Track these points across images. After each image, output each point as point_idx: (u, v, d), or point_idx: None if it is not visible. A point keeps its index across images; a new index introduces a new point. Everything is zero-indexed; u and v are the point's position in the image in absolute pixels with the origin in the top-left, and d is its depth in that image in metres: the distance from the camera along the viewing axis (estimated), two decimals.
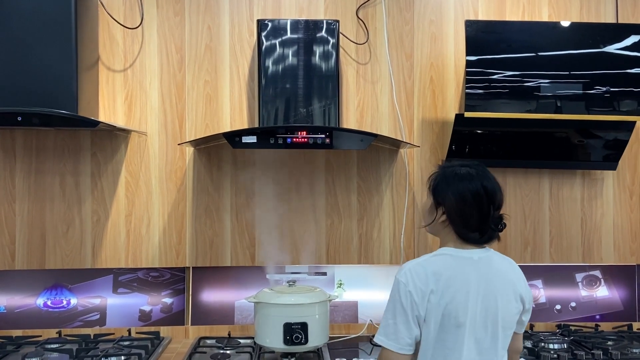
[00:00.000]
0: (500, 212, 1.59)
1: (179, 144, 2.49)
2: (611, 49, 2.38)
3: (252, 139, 2.13)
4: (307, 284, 2.42)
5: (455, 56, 2.62)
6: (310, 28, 2.39)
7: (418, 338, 1.54)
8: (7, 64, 2.13)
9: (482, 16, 2.62)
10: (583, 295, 2.68)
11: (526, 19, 2.63)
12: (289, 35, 2.38)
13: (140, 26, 2.52)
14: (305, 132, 2.15)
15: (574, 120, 2.41)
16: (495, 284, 1.56)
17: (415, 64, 2.62)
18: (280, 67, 2.37)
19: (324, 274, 2.58)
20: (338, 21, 2.42)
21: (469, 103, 2.34)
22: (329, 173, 2.59)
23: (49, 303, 2.48)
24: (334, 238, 2.59)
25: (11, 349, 2.28)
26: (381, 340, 1.55)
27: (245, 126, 2.54)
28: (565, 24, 2.48)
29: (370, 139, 2.18)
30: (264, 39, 2.38)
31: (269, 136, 2.14)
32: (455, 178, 1.58)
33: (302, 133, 2.15)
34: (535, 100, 2.35)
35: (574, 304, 2.68)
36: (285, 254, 2.56)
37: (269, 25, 2.38)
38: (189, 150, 2.54)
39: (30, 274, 2.48)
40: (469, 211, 1.56)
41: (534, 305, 2.60)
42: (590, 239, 2.69)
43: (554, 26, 2.49)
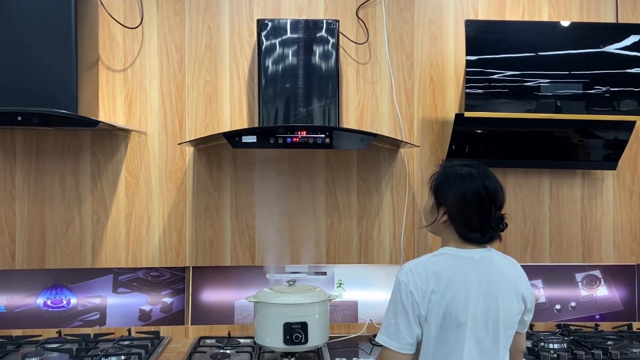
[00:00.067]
0: (502, 212, 1.60)
1: (179, 144, 2.49)
2: (611, 48, 2.38)
3: (252, 139, 2.13)
4: (307, 284, 2.42)
5: (455, 56, 2.62)
6: (310, 28, 2.39)
7: (419, 338, 1.54)
8: (7, 63, 2.13)
9: (482, 16, 2.62)
10: (583, 295, 2.68)
11: (526, 18, 2.63)
12: (288, 35, 2.38)
13: (140, 26, 2.52)
14: (305, 132, 2.15)
15: (574, 120, 2.41)
16: (497, 284, 1.56)
17: (415, 64, 2.62)
18: (280, 67, 2.37)
19: (324, 273, 2.58)
20: (338, 21, 2.42)
21: (469, 103, 2.34)
22: (329, 173, 2.59)
23: (48, 303, 2.48)
24: (334, 238, 2.59)
25: (11, 349, 2.28)
26: (383, 340, 1.55)
27: (245, 126, 2.54)
28: (565, 23, 2.48)
29: (370, 139, 2.18)
30: (264, 39, 2.38)
31: (269, 136, 2.14)
32: (457, 178, 1.58)
33: (302, 133, 2.15)
34: (535, 100, 2.35)
35: (573, 304, 2.68)
36: (285, 253, 2.56)
37: (269, 25, 2.38)
38: (189, 150, 2.54)
39: (30, 273, 2.48)
40: (470, 211, 1.55)
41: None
42: (590, 238, 2.69)
43: (554, 26, 2.49)
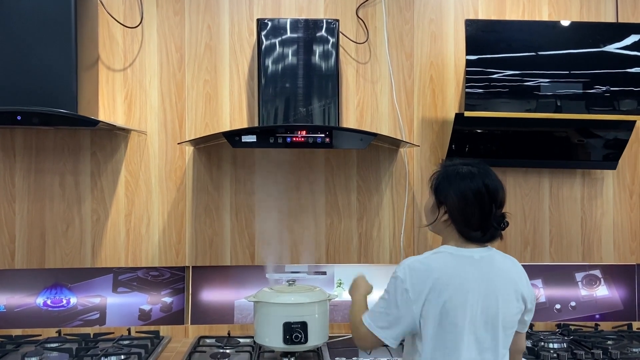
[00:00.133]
0: (503, 211, 1.59)
1: (178, 143, 2.49)
2: (611, 48, 2.38)
3: (252, 138, 2.13)
4: (307, 284, 2.41)
5: (455, 55, 2.62)
6: (310, 27, 2.39)
7: (405, 335, 1.57)
8: (7, 63, 2.12)
9: (482, 15, 2.62)
10: (583, 294, 2.68)
11: (526, 18, 2.63)
12: (288, 34, 2.38)
13: (140, 25, 2.52)
14: (305, 132, 2.15)
15: (574, 119, 2.41)
16: (496, 283, 1.56)
17: (415, 63, 2.62)
18: (280, 67, 2.37)
19: (324, 273, 2.58)
20: (338, 20, 2.42)
21: (468, 102, 2.34)
22: (329, 172, 2.59)
23: (48, 302, 2.48)
24: (334, 237, 2.59)
25: (11, 348, 2.28)
26: (369, 324, 1.58)
27: (245, 125, 2.54)
28: (565, 23, 2.48)
29: (370, 138, 2.18)
30: (264, 38, 2.38)
31: (268, 135, 2.14)
32: (457, 177, 1.58)
33: (302, 132, 2.15)
34: (535, 99, 2.35)
35: (573, 304, 2.68)
36: (284, 253, 2.56)
37: (269, 24, 2.38)
38: (189, 149, 2.54)
39: (30, 273, 2.48)
40: (471, 210, 1.55)
41: None
42: (590, 238, 2.68)
43: (554, 25, 2.49)
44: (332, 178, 2.59)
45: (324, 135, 2.15)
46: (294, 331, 2.11)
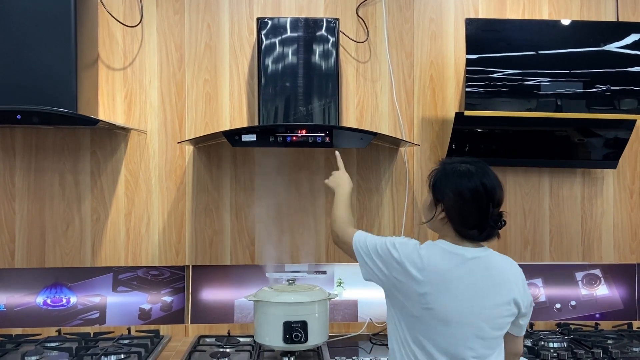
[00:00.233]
0: (500, 210, 1.58)
1: (178, 143, 2.49)
2: (611, 47, 2.37)
3: (252, 138, 2.13)
4: (307, 283, 2.42)
5: (455, 54, 2.62)
6: (310, 26, 2.39)
7: (374, 280, 1.65)
8: (7, 62, 2.12)
9: (483, 14, 2.62)
10: (583, 294, 2.68)
11: (526, 17, 2.62)
12: (288, 33, 2.38)
13: (140, 24, 2.52)
14: (305, 131, 2.15)
15: (574, 118, 2.40)
16: (486, 284, 1.54)
17: (415, 63, 2.62)
18: (280, 66, 2.37)
19: (324, 272, 2.58)
20: (338, 19, 2.42)
21: (469, 101, 2.34)
22: (329, 172, 2.56)
23: (48, 301, 2.48)
24: None
25: (11, 348, 2.28)
26: (356, 245, 1.72)
27: (244, 125, 2.54)
28: (566, 22, 2.47)
29: (370, 138, 2.18)
30: (264, 38, 2.37)
31: (268, 135, 2.14)
32: (455, 175, 1.57)
33: (302, 131, 2.15)
34: (535, 98, 2.35)
35: (574, 303, 2.68)
36: (284, 252, 2.56)
37: (269, 23, 2.38)
38: (189, 148, 2.54)
39: (30, 272, 2.48)
40: (468, 209, 1.54)
41: (534, 305, 2.59)
42: (590, 237, 2.68)
43: (554, 24, 2.49)
44: None
45: (324, 134, 2.15)
46: (294, 330, 2.11)
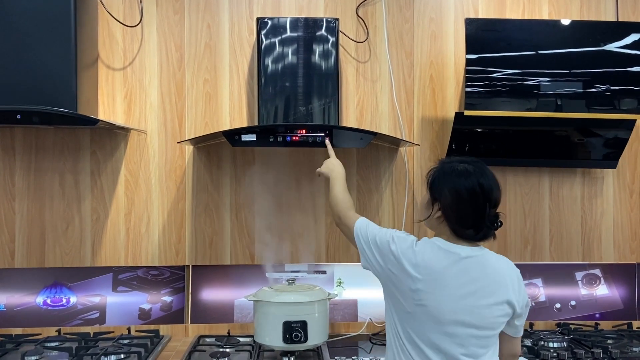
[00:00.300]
0: (497, 210, 1.58)
1: (178, 142, 2.49)
2: (611, 47, 2.37)
3: (252, 138, 2.13)
4: (307, 283, 2.42)
5: (455, 54, 2.62)
6: (310, 26, 2.39)
7: (371, 268, 1.66)
8: (7, 62, 2.12)
9: (482, 14, 2.62)
10: (583, 293, 2.68)
11: (526, 17, 2.62)
12: (288, 33, 2.38)
13: (140, 24, 2.52)
14: (304, 131, 2.15)
15: (574, 118, 2.40)
16: (479, 283, 1.53)
17: (415, 62, 2.62)
18: (279, 66, 2.37)
19: (324, 272, 2.58)
20: (338, 19, 2.42)
21: (468, 101, 2.34)
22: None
23: (48, 301, 2.48)
24: (334, 236, 2.59)
25: (11, 347, 2.28)
26: (357, 231, 1.70)
27: (244, 124, 2.54)
28: (566, 22, 2.47)
29: (369, 138, 2.18)
30: (264, 37, 2.37)
31: (268, 134, 2.14)
32: (452, 174, 1.57)
33: (302, 131, 2.15)
34: (535, 98, 2.35)
35: (573, 303, 2.67)
36: (284, 252, 2.56)
37: (269, 23, 2.38)
38: (189, 148, 2.54)
39: (30, 272, 2.48)
40: (464, 208, 1.54)
41: (534, 304, 2.60)
42: (590, 237, 2.68)
43: (554, 24, 2.48)
44: None
45: (323, 134, 2.15)
46: (294, 330, 2.11)
